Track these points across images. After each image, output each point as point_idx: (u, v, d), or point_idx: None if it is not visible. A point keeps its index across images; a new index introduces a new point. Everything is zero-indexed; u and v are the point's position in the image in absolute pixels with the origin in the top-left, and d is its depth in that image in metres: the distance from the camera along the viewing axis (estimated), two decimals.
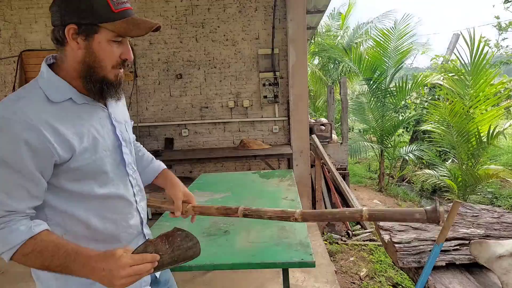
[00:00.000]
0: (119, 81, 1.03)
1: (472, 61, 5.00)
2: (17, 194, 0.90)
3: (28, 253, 0.88)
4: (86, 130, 0.99)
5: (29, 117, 0.89)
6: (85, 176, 1.00)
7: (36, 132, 0.89)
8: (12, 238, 0.88)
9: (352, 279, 3.28)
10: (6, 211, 0.89)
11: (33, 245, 0.88)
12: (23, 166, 0.89)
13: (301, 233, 1.86)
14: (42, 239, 0.90)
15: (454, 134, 5.10)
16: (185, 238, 1.01)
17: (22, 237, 0.88)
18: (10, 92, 4.73)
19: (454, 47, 9.97)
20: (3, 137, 0.87)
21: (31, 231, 0.89)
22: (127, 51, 1.00)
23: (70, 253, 0.88)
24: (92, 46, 0.95)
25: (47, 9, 4.83)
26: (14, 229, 0.88)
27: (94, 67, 0.97)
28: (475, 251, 1.89)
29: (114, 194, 1.06)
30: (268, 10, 4.63)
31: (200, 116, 4.88)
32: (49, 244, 0.89)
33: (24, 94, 0.94)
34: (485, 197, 5.80)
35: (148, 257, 0.90)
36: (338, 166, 5.45)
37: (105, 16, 0.92)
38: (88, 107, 1.02)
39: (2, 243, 0.88)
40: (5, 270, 3.41)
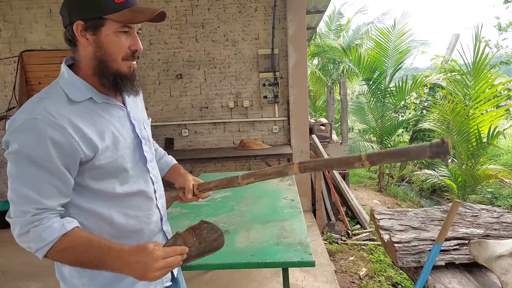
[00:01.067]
0: (133, 73, 1.04)
1: (474, 61, 5.00)
2: (48, 192, 0.92)
3: (63, 250, 0.91)
4: (106, 129, 1.01)
5: (53, 116, 0.91)
6: (108, 175, 1.01)
7: (61, 130, 0.91)
8: (46, 235, 0.90)
9: (352, 278, 3.28)
10: (39, 209, 0.91)
11: (67, 241, 0.91)
12: (51, 164, 0.91)
13: (301, 233, 1.86)
14: (75, 235, 0.92)
15: (454, 133, 5.11)
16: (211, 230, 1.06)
17: (56, 234, 0.90)
18: (10, 92, 4.73)
19: (454, 47, 9.98)
20: (30, 136, 0.89)
21: (65, 228, 0.92)
22: (136, 42, 1.02)
23: (103, 247, 0.91)
24: (100, 39, 0.97)
25: (47, 9, 4.82)
26: (48, 226, 0.90)
27: (106, 61, 0.99)
28: (474, 250, 1.89)
29: (136, 191, 1.08)
30: (268, 10, 4.64)
31: (200, 116, 4.88)
32: (82, 240, 0.92)
33: (47, 95, 0.96)
34: (484, 197, 5.81)
35: (178, 249, 0.94)
36: None
37: (109, 7, 0.94)
38: (108, 106, 1.04)
39: (37, 241, 0.90)
40: (5, 270, 3.41)
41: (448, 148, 0.94)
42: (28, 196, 0.90)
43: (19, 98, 4.61)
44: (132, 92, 1.06)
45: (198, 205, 2.46)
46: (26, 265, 3.47)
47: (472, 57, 5.01)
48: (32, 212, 0.90)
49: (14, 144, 0.89)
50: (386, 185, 6.92)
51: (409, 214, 2.33)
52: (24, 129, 0.89)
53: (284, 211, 2.23)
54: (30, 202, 0.90)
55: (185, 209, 2.39)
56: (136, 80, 1.06)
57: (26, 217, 0.90)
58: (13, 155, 0.90)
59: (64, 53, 4.67)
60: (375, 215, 2.34)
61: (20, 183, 0.90)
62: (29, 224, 0.90)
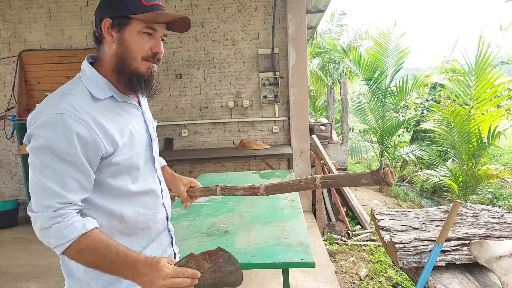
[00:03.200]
0: (150, 75, 1.07)
1: (476, 61, 4.99)
2: (71, 186, 0.94)
3: (81, 250, 0.92)
4: (125, 127, 1.05)
5: (79, 111, 0.94)
6: (122, 171, 1.04)
7: (86, 126, 0.94)
8: (67, 233, 0.91)
9: (352, 279, 3.27)
10: (62, 203, 0.92)
11: (87, 242, 0.92)
12: (76, 159, 0.93)
13: (301, 233, 1.85)
14: (95, 237, 0.93)
15: (455, 134, 5.09)
16: (228, 260, 0.98)
17: (77, 232, 0.92)
18: (9, 92, 4.72)
19: (454, 47, 9.97)
20: (57, 131, 0.91)
21: (85, 228, 0.93)
22: (158, 44, 1.06)
23: (120, 254, 0.92)
24: (124, 37, 1.01)
25: (47, 9, 4.82)
26: (69, 224, 0.92)
27: (125, 59, 1.02)
28: (475, 251, 1.88)
29: (146, 190, 1.12)
30: (268, 9, 4.63)
31: (200, 116, 4.87)
32: (101, 243, 0.93)
33: (70, 91, 0.98)
34: (485, 197, 5.79)
35: (189, 271, 0.92)
36: (338, 166, 5.45)
37: (136, 8, 1.00)
38: (126, 105, 1.09)
39: (58, 237, 0.91)
40: (5, 270, 3.40)
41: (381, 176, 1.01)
42: (52, 190, 0.91)
43: (18, 98, 4.60)
44: (146, 93, 1.10)
45: (198, 205, 2.45)
46: (26, 265, 3.46)
47: (475, 57, 4.99)
48: (55, 207, 0.91)
49: (39, 138, 0.91)
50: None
51: (409, 215, 2.32)
52: (50, 124, 0.91)
53: (284, 212, 2.22)
54: (54, 196, 0.91)
55: (185, 210, 2.38)
56: (153, 82, 1.09)
57: (48, 211, 0.91)
58: (37, 149, 0.91)
59: (63, 52, 4.67)
60: (376, 216, 2.33)
61: (44, 177, 0.91)
62: (51, 219, 0.91)
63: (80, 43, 4.71)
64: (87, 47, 4.68)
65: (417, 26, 55.41)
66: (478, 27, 14.36)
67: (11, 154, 4.86)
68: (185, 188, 1.43)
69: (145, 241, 1.12)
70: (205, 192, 1.41)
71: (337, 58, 9.18)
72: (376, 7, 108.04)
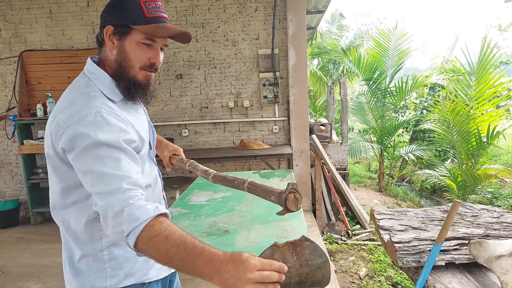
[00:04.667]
0: (147, 83, 1.10)
1: (479, 61, 5.00)
2: (130, 169, 0.95)
3: (155, 236, 0.84)
4: (140, 124, 1.12)
5: (113, 109, 1.01)
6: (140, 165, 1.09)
7: (124, 121, 1.01)
8: (140, 215, 0.85)
9: (352, 278, 3.28)
10: (130, 183, 0.91)
11: (160, 228, 0.85)
12: (126, 148, 0.97)
13: (301, 233, 1.86)
14: (169, 224, 0.87)
15: (454, 133, 5.11)
16: (314, 252, 0.87)
17: (150, 213, 0.86)
18: (10, 92, 4.73)
19: (454, 47, 9.98)
20: (101, 126, 0.95)
21: (158, 210, 0.88)
22: (156, 55, 1.08)
23: (197, 246, 0.83)
24: (124, 45, 1.05)
25: (48, 10, 4.83)
26: (141, 205, 0.87)
27: (124, 66, 1.06)
28: (474, 250, 1.89)
29: (152, 182, 1.18)
30: (268, 10, 4.64)
31: (200, 116, 4.88)
32: (175, 232, 0.85)
33: (94, 93, 1.02)
34: (484, 197, 5.80)
35: (276, 264, 0.79)
36: (338, 166, 5.46)
37: (138, 19, 1.02)
38: (135, 106, 1.16)
39: (131, 220, 0.85)
40: (6, 269, 3.41)
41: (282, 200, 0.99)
42: (116, 175, 0.91)
43: (19, 98, 4.61)
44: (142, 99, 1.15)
45: (199, 205, 2.46)
46: (26, 265, 3.47)
47: (478, 57, 5.00)
48: (124, 188, 0.89)
49: (87, 136, 0.92)
50: (386, 185, 6.92)
51: (409, 214, 2.33)
52: (93, 121, 0.94)
53: None
54: (120, 179, 0.90)
55: (185, 209, 2.39)
56: (149, 90, 1.12)
57: (118, 194, 0.88)
58: (89, 146, 0.93)
59: (64, 53, 4.68)
60: (375, 215, 2.34)
61: (104, 167, 0.91)
62: (123, 201, 0.87)
63: (81, 43, 4.72)
64: (88, 47, 4.69)
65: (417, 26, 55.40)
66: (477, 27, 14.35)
67: (12, 154, 4.87)
68: (169, 154, 1.52)
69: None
70: (180, 162, 1.52)
71: (337, 58, 9.19)
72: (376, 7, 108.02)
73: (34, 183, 4.53)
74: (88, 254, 1.06)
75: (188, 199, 2.60)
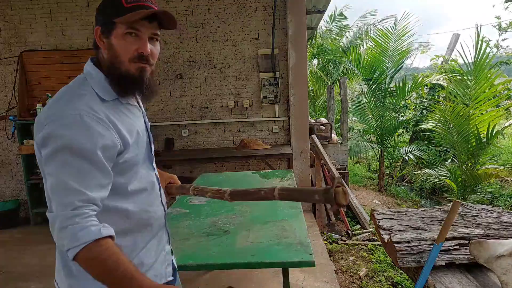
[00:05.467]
0: (140, 76, 1.06)
1: (475, 61, 5.00)
2: (92, 184, 0.93)
3: (92, 258, 0.89)
4: (132, 126, 1.08)
5: (96, 111, 0.97)
6: (128, 169, 1.07)
7: (105, 125, 0.97)
8: (81, 236, 0.88)
9: (352, 278, 3.28)
10: (81, 201, 0.91)
11: (98, 251, 0.89)
12: (97, 158, 0.94)
13: (301, 233, 1.86)
14: (108, 248, 0.90)
15: (454, 133, 5.11)
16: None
17: (91, 237, 0.88)
18: (10, 92, 4.73)
19: (454, 47, 9.98)
20: (77, 130, 0.92)
21: (100, 233, 0.90)
22: (143, 45, 1.04)
23: (127, 274, 0.89)
24: (111, 42, 1.03)
25: (48, 9, 4.82)
26: (85, 226, 0.89)
27: (114, 63, 1.04)
28: (474, 250, 1.89)
29: (147, 187, 1.14)
30: (268, 10, 4.64)
31: (200, 116, 4.88)
32: (112, 257, 0.89)
33: (83, 92, 1.01)
34: (484, 197, 5.80)
35: None
36: (338, 166, 5.46)
37: (117, 11, 1.00)
38: (130, 106, 1.12)
39: (71, 239, 0.88)
40: (6, 270, 3.41)
41: (331, 195, 0.96)
42: (73, 188, 0.90)
43: (19, 98, 4.61)
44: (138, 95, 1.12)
45: (199, 205, 2.46)
46: (26, 265, 3.47)
47: (473, 57, 5.00)
48: (75, 205, 0.89)
49: (60, 138, 0.91)
50: (386, 185, 6.92)
51: (409, 214, 2.33)
52: (70, 124, 0.92)
53: (284, 211, 2.23)
54: (74, 194, 0.90)
55: (185, 209, 2.39)
56: (143, 84, 1.08)
57: (67, 210, 0.89)
58: (58, 150, 0.91)
59: (63, 53, 4.68)
60: (375, 215, 2.34)
61: (65, 175, 0.91)
62: (69, 219, 0.89)
63: (80, 43, 4.71)
64: (88, 47, 4.69)
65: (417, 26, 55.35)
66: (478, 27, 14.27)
67: (12, 154, 4.87)
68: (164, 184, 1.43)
69: (147, 238, 1.14)
70: (180, 190, 1.42)
71: (337, 58, 9.19)
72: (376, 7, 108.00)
73: (34, 183, 4.52)
74: None
75: (188, 199, 2.60)
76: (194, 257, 1.65)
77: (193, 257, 1.65)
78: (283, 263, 1.61)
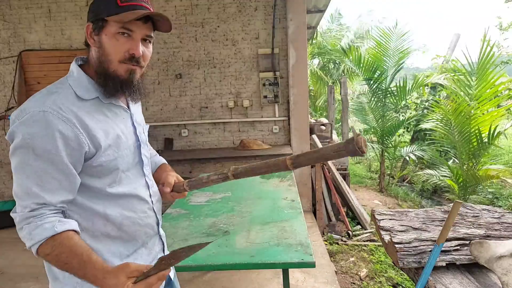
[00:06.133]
0: (130, 77, 1.03)
1: (479, 61, 4.99)
2: (50, 186, 0.93)
3: (48, 254, 0.91)
4: (110, 128, 1.03)
5: (62, 110, 0.93)
6: (106, 173, 1.03)
7: (69, 124, 0.93)
8: (35, 234, 0.90)
9: (352, 279, 3.27)
10: (38, 204, 0.91)
11: (52, 246, 0.90)
12: (57, 158, 0.92)
13: (301, 234, 1.85)
14: (62, 242, 0.91)
15: (456, 133, 5.09)
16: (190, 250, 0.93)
17: (44, 234, 0.90)
18: (9, 92, 4.72)
19: (455, 47, 9.96)
20: (38, 128, 0.90)
21: (53, 230, 0.90)
22: (134, 46, 1.01)
23: (83, 264, 0.89)
24: (101, 40, 1.01)
25: (47, 9, 4.80)
26: (39, 225, 0.90)
27: (103, 61, 1.01)
28: (475, 251, 1.88)
29: (132, 193, 1.09)
30: (268, 9, 4.62)
31: (200, 116, 4.87)
32: (64, 250, 0.90)
33: (56, 90, 0.99)
34: (485, 197, 5.79)
35: (151, 279, 0.87)
36: (338, 166, 5.44)
37: (111, 9, 0.98)
38: (113, 106, 1.07)
39: (27, 238, 0.91)
40: (5, 270, 3.40)
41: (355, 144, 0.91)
42: (30, 190, 0.91)
43: (18, 98, 4.60)
44: (127, 96, 1.08)
45: (198, 205, 2.45)
46: (25, 266, 3.46)
47: (478, 57, 4.98)
48: (30, 207, 0.90)
49: (20, 136, 0.90)
50: (387, 186, 6.90)
51: (410, 215, 2.32)
52: (32, 121, 0.90)
53: (284, 212, 2.22)
54: (31, 196, 0.91)
55: (184, 209, 2.38)
56: (132, 86, 1.05)
57: (24, 212, 0.91)
58: (19, 148, 0.91)
59: (63, 52, 4.67)
60: (376, 216, 2.32)
61: (24, 176, 0.91)
62: (24, 220, 0.91)
63: (80, 43, 4.70)
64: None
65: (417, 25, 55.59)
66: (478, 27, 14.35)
67: None
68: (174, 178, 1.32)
69: (132, 246, 1.10)
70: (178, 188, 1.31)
71: (337, 58, 9.18)
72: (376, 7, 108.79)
73: None
74: None
75: (187, 200, 2.59)
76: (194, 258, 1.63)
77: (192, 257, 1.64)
78: (283, 264, 1.60)
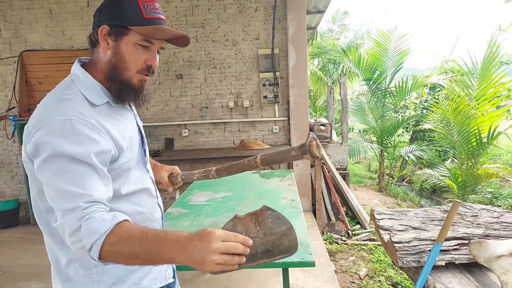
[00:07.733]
0: (141, 87, 1.06)
1: (483, 61, 5.01)
2: (94, 185, 0.91)
3: (117, 242, 0.84)
4: (124, 131, 1.05)
5: (86, 116, 0.93)
6: (121, 174, 1.04)
7: (96, 130, 0.94)
8: (98, 227, 0.85)
9: (352, 278, 3.28)
10: (89, 202, 0.88)
11: (120, 232, 0.85)
12: (91, 161, 0.91)
13: (301, 233, 1.86)
14: (128, 225, 0.88)
15: (455, 133, 5.10)
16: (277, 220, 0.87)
17: (108, 224, 0.86)
18: (10, 92, 4.73)
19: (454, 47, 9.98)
20: (68, 137, 0.89)
21: (116, 218, 0.88)
22: (153, 58, 1.04)
23: (159, 234, 0.85)
24: (119, 47, 1.00)
25: (48, 10, 4.82)
26: (98, 217, 0.86)
27: (119, 68, 1.01)
28: (474, 250, 1.89)
29: (141, 188, 1.12)
30: (268, 10, 4.64)
31: (200, 116, 4.88)
32: (135, 229, 0.86)
33: (68, 96, 0.97)
34: (484, 196, 5.80)
35: (240, 237, 0.81)
36: (338, 166, 5.45)
37: (136, 20, 0.98)
38: (121, 109, 1.09)
39: (89, 234, 0.84)
40: (6, 270, 3.41)
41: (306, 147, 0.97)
42: (75, 192, 0.87)
43: (19, 98, 4.61)
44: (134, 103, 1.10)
45: (199, 205, 2.46)
46: (27, 265, 3.47)
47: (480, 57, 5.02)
48: (83, 206, 0.87)
49: (50, 146, 0.88)
50: (386, 185, 6.92)
51: (409, 214, 2.33)
52: (60, 130, 0.89)
53: (284, 211, 2.23)
54: (78, 197, 0.87)
55: (185, 209, 2.39)
56: (142, 94, 1.07)
57: (76, 212, 0.86)
58: (51, 158, 0.88)
59: (64, 53, 4.68)
60: (375, 215, 2.34)
61: (64, 182, 0.87)
62: (80, 219, 0.86)
63: (81, 43, 4.72)
64: (88, 47, 4.68)
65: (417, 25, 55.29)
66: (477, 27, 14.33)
67: (12, 154, 4.87)
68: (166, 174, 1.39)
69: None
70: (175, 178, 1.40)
71: (337, 58, 9.19)
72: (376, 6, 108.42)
73: None
74: (75, 259, 1.02)
75: (188, 199, 2.60)
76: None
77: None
78: (283, 263, 1.61)
